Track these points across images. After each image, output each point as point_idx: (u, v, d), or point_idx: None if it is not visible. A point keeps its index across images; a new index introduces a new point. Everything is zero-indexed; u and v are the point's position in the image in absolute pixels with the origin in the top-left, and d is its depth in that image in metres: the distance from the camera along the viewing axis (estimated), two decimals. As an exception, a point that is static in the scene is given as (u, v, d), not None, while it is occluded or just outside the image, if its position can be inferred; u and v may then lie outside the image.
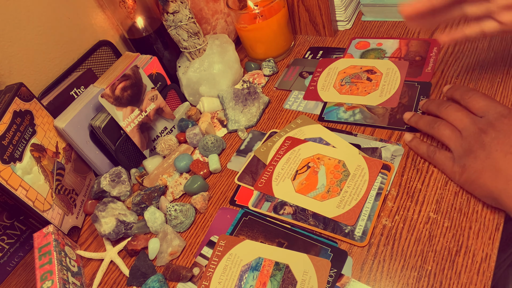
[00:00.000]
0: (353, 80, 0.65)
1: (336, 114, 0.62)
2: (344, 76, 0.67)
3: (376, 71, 0.65)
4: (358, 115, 0.60)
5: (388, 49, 0.69)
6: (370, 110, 0.60)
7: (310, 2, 0.74)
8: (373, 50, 0.70)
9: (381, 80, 0.63)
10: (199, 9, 0.74)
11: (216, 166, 0.61)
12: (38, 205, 0.55)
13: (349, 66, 0.68)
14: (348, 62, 0.69)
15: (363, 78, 0.65)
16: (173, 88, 0.72)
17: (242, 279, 0.47)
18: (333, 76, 0.68)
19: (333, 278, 0.44)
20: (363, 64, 0.67)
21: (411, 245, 0.45)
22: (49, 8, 0.66)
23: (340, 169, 0.54)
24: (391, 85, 0.62)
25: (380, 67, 0.66)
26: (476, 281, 0.40)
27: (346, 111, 0.61)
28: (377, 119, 0.59)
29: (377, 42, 0.71)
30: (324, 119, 0.62)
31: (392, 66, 0.65)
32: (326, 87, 0.67)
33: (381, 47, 0.69)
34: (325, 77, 0.68)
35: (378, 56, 0.68)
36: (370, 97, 0.62)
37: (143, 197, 0.58)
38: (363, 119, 0.59)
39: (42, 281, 0.49)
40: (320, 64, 0.71)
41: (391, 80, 0.63)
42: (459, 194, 0.47)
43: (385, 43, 0.70)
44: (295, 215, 0.51)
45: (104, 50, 0.75)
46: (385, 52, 0.69)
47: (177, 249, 0.52)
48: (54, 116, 0.62)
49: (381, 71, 0.65)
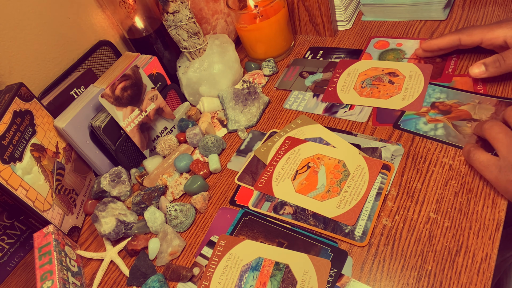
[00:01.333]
0: (374, 82, 0.63)
1: (415, 124, 0.56)
2: (365, 78, 0.65)
3: (399, 73, 0.63)
4: (440, 130, 0.54)
5: (408, 50, 0.67)
6: (455, 128, 0.54)
7: (310, 2, 0.74)
8: (393, 50, 0.68)
9: (403, 83, 0.61)
10: (199, 9, 0.74)
11: (216, 166, 0.61)
12: (38, 205, 0.55)
13: (370, 68, 0.66)
14: (369, 64, 0.67)
15: (385, 81, 0.63)
16: (173, 88, 0.72)
17: (242, 279, 0.47)
18: (354, 78, 0.66)
19: (333, 278, 0.44)
20: (385, 66, 0.65)
21: (411, 245, 0.45)
22: (49, 8, 0.66)
23: (340, 169, 0.54)
24: (414, 88, 0.60)
25: (403, 70, 0.63)
26: (476, 281, 0.40)
27: (428, 123, 0.56)
28: (462, 138, 0.52)
29: (396, 42, 0.69)
30: (399, 127, 0.57)
31: (415, 69, 0.63)
32: (346, 89, 0.64)
33: (401, 47, 0.67)
34: (345, 78, 0.66)
35: (398, 56, 0.66)
36: (392, 101, 0.60)
37: (143, 197, 0.58)
38: (446, 136, 0.53)
39: (42, 281, 0.49)
40: (340, 65, 0.69)
41: (414, 84, 0.61)
42: (459, 194, 0.47)
43: (405, 43, 0.68)
44: (295, 215, 0.51)
45: (104, 50, 0.75)
46: (405, 53, 0.67)
47: (177, 249, 0.52)
48: (54, 116, 0.62)
49: (404, 74, 0.63)
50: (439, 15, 0.70)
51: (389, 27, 0.74)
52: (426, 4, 0.69)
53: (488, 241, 0.42)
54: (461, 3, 0.71)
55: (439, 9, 0.69)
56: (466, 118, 0.54)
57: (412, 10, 0.71)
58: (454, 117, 0.55)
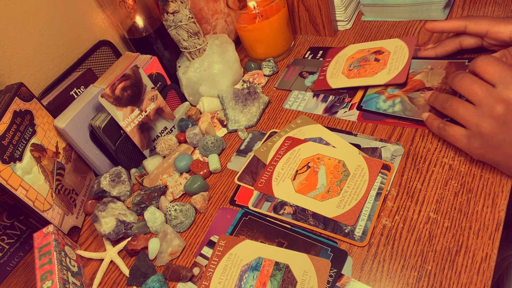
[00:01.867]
0: (361, 63, 0.65)
1: (375, 103, 0.59)
2: (352, 61, 0.66)
3: (384, 51, 0.65)
4: (398, 105, 0.57)
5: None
6: (411, 101, 0.57)
7: (310, 2, 0.74)
8: None
9: (389, 58, 0.63)
10: (199, 9, 0.74)
11: (216, 166, 0.61)
12: (38, 205, 0.55)
13: (357, 51, 0.68)
14: (356, 47, 0.69)
15: (371, 60, 0.64)
16: (173, 88, 0.72)
17: (242, 279, 0.47)
18: (342, 63, 0.67)
19: (333, 278, 0.44)
20: (371, 47, 0.67)
21: (411, 245, 0.45)
22: (49, 8, 0.66)
23: (340, 169, 0.54)
24: (399, 61, 0.61)
25: (388, 46, 0.65)
26: (476, 281, 0.40)
27: (386, 100, 0.58)
28: (417, 111, 0.56)
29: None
30: (362, 108, 0.59)
31: (400, 44, 0.64)
32: (335, 74, 0.66)
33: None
34: (334, 65, 0.68)
35: None
36: (377, 77, 0.61)
37: (143, 197, 0.58)
38: (402, 110, 0.57)
39: (42, 281, 0.49)
40: (329, 54, 0.71)
41: (399, 57, 0.62)
42: (459, 194, 0.47)
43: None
44: (295, 215, 0.51)
45: (104, 50, 0.75)
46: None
47: (177, 249, 0.52)
48: (54, 116, 0.62)
49: (389, 50, 0.64)
50: (439, 15, 0.70)
51: (389, 27, 0.74)
52: (426, 4, 0.69)
53: (488, 241, 0.42)
54: (461, 3, 0.71)
55: (439, 9, 0.69)
56: (420, 88, 0.57)
57: (412, 10, 0.71)
58: (409, 89, 0.58)
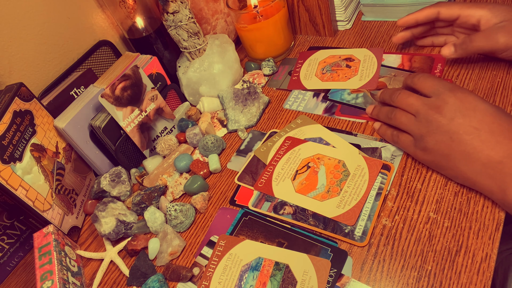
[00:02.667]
0: (333, 68, 0.69)
1: (340, 95, 0.65)
2: (324, 66, 0.71)
3: (354, 58, 0.69)
4: (360, 98, 0.63)
5: (390, 65, 0.66)
6: (372, 96, 0.62)
7: (310, 2, 0.74)
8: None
9: (359, 66, 0.68)
10: (199, 9, 0.74)
11: (216, 166, 0.61)
12: (38, 205, 0.55)
13: (328, 56, 0.72)
14: (327, 52, 0.73)
15: (343, 66, 0.69)
16: (173, 88, 0.72)
17: (242, 279, 0.47)
18: (314, 66, 0.71)
19: (333, 278, 0.44)
20: (341, 54, 0.72)
21: (411, 245, 0.45)
22: (49, 8, 0.66)
23: (340, 169, 0.54)
24: (369, 69, 0.66)
25: (358, 55, 0.70)
26: (476, 281, 0.40)
27: (350, 93, 0.64)
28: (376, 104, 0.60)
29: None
30: (328, 98, 0.65)
31: (368, 53, 0.69)
32: (308, 76, 0.70)
33: (383, 62, 0.67)
34: (307, 67, 0.72)
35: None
36: (350, 82, 0.66)
37: (143, 197, 0.58)
38: (364, 103, 0.62)
39: (42, 281, 0.49)
40: (301, 57, 0.75)
41: (369, 66, 0.67)
42: (459, 194, 0.47)
43: (387, 58, 0.67)
44: (295, 215, 0.51)
45: (104, 50, 0.75)
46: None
47: (177, 249, 0.52)
48: (54, 116, 0.62)
49: (359, 58, 0.69)
50: (439, 15, 0.70)
51: (389, 27, 0.74)
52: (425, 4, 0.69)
53: (488, 241, 0.42)
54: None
55: (439, 9, 0.69)
56: (382, 87, 0.63)
57: (412, 10, 0.71)
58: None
